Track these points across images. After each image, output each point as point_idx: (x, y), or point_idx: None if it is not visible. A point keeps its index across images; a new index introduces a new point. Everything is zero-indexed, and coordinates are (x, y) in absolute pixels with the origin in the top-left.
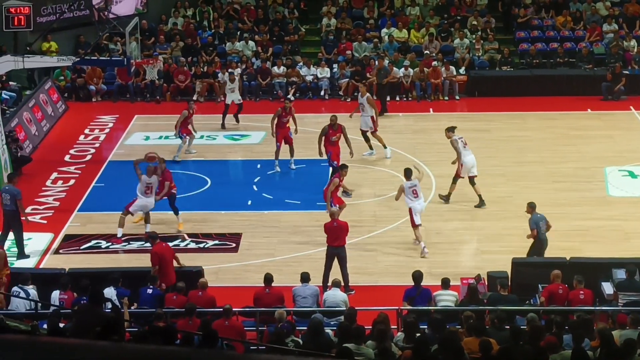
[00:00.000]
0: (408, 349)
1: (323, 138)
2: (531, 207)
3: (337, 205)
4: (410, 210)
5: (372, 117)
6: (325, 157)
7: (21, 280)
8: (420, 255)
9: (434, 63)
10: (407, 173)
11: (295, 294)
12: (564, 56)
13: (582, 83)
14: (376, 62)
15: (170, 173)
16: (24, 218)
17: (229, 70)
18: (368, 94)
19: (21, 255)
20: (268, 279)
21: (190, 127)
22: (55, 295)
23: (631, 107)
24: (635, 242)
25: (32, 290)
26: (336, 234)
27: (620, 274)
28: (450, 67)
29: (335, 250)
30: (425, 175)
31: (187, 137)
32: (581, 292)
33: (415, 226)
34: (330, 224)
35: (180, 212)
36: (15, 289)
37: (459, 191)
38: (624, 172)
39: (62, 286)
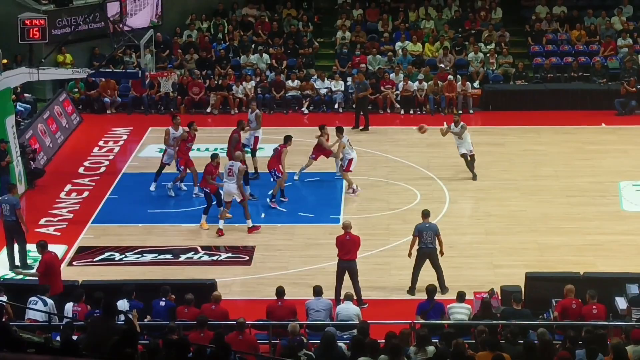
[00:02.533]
0: None
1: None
2: (423, 214)
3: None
4: (351, 160)
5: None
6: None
7: (39, 291)
8: (349, 190)
9: (450, 77)
10: (339, 130)
11: (308, 307)
12: (579, 70)
13: (597, 97)
14: (391, 76)
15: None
16: (24, 228)
17: (455, 118)
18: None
19: (24, 266)
20: (280, 291)
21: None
22: (69, 307)
23: None
24: None
25: (50, 300)
26: (348, 247)
27: (634, 289)
28: (467, 82)
29: (347, 264)
30: (437, 189)
31: (186, 169)
32: (594, 307)
33: (348, 171)
34: (342, 237)
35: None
36: (32, 298)
37: (473, 203)
38: (638, 186)
39: (75, 298)
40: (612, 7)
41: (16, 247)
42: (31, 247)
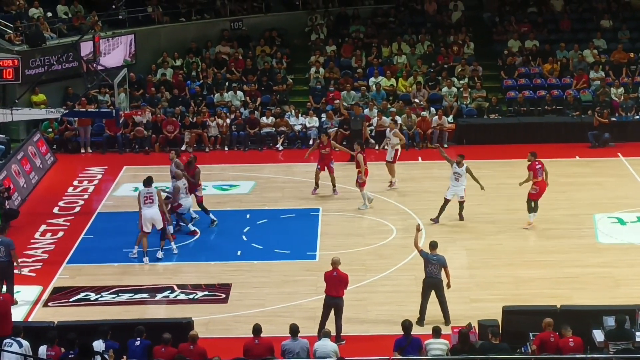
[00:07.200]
0: None
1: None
2: (430, 245)
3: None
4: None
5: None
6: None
7: (13, 333)
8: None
9: (423, 113)
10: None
11: (286, 349)
12: (552, 104)
13: (570, 130)
14: (365, 111)
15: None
16: (16, 270)
17: (458, 159)
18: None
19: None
20: (257, 329)
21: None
22: (42, 350)
23: (619, 154)
24: (625, 289)
25: (25, 342)
26: (333, 283)
27: (611, 322)
28: (443, 117)
29: (333, 300)
30: (412, 223)
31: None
32: (570, 339)
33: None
34: (330, 273)
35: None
36: (7, 340)
37: (449, 237)
38: (613, 219)
39: (49, 341)
40: (584, 41)
41: (4, 288)
42: (16, 288)
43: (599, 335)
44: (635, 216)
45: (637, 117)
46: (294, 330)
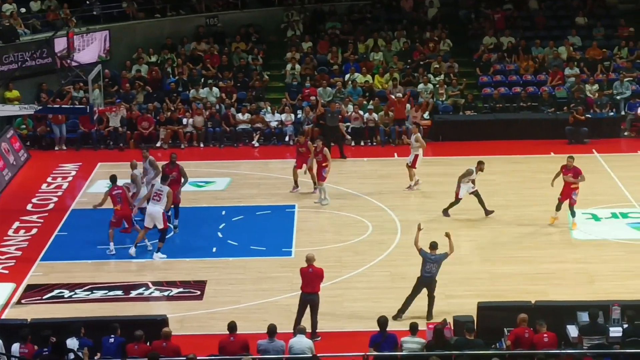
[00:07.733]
0: None
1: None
2: (430, 245)
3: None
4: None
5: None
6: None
7: None
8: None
9: (398, 95)
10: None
11: (260, 350)
12: (527, 100)
13: (545, 127)
14: (341, 106)
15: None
16: None
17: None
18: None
19: None
20: (232, 326)
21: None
22: (15, 348)
23: (594, 151)
24: (600, 285)
25: None
26: (309, 279)
27: (585, 317)
28: (419, 110)
29: (309, 296)
30: (388, 220)
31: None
32: (545, 335)
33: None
34: (305, 269)
35: None
36: None
37: (425, 234)
38: (588, 215)
39: (22, 339)
40: (560, 38)
41: None
42: None
43: (573, 331)
44: (610, 212)
45: (612, 113)
46: (272, 330)
